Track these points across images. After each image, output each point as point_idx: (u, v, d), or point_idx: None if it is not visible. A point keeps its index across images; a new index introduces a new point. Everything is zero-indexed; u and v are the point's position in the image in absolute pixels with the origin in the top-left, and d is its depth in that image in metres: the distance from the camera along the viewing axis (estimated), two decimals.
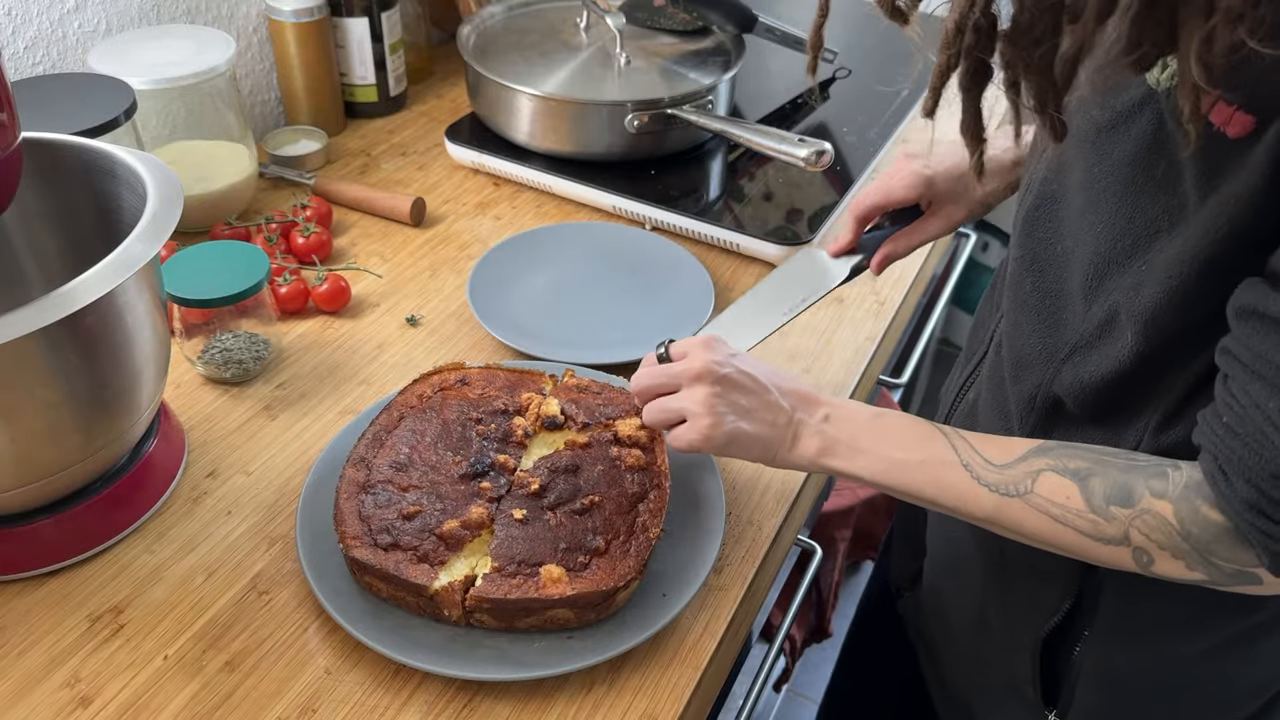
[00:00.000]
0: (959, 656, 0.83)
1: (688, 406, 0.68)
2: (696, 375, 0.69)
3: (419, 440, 0.77)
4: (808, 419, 0.68)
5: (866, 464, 0.65)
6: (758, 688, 0.83)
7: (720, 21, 1.25)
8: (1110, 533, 0.58)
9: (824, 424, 0.67)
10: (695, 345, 0.71)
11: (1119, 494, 0.58)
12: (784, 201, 1.12)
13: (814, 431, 0.67)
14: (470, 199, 1.17)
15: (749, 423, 0.68)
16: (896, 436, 0.65)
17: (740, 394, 0.68)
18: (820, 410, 0.68)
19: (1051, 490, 0.59)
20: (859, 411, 0.68)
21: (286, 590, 0.73)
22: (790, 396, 0.69)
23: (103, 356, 0.67)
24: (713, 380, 0.68)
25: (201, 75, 1.01)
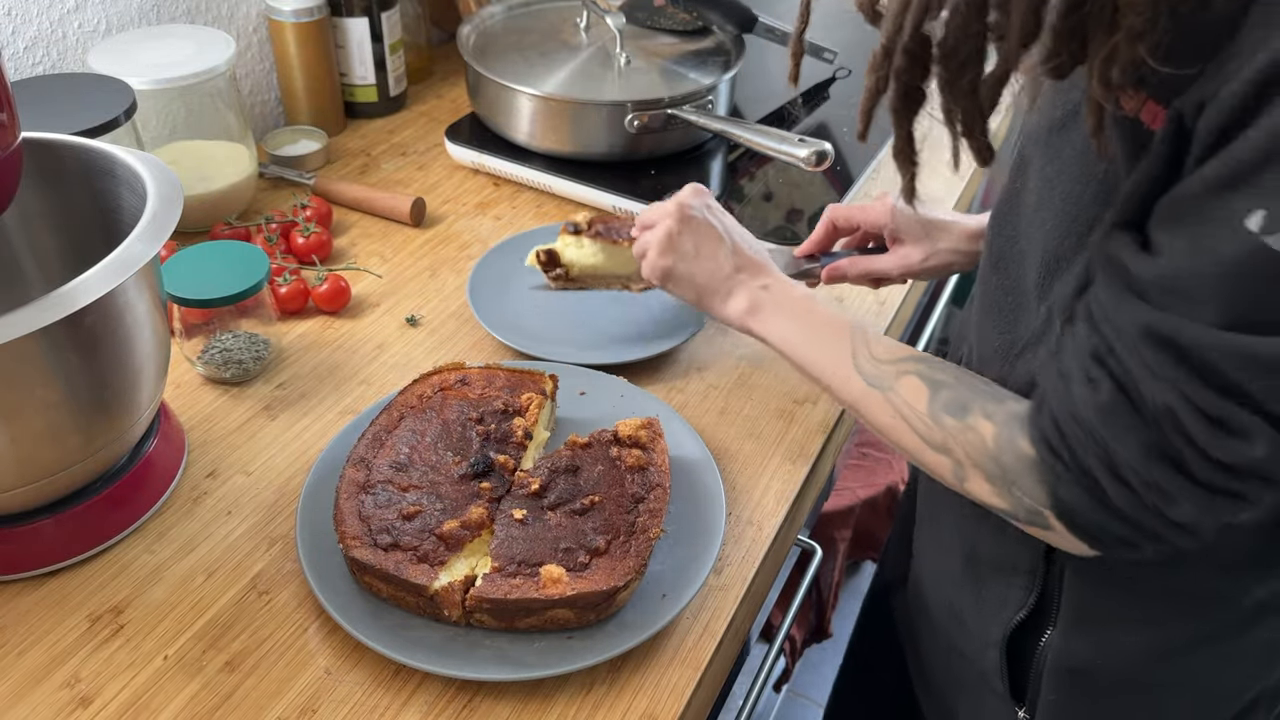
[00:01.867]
0: (939, 652, 0.83)
1: (653, 238, 0.78)
2: (669, 212, 0.78)
3: (419, 440, 0.77)
4: (748, 280, 0.74)
5: (778, 332, 0.72)
6: (758, 688, 0.83)
7: (720, 21, 1.25)
8: (937, 440, 0.61)
9: (760, 290, 0.73)
10: (685, 189, 0.80)
11: (956, 407, 0.60)
12: (784, 201, 1.12)
13: (748, 293, 0.74)
14: (470, 199, 1.17)
15: (692, 264, 0.76)
16: (816, 318, 0.71)
17: (696, 238, 0.76)
18: (764, 278, 0.74)
19: (907, 391, 0.63)
20: (797, 291, 0.74)
21: (286, 590, 0.73)
22: (742, 258, 0.76)
23: (103, 356, 0.67)
24: (678, 218, 0.77)
25: (201, 75, 1.01)
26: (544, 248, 0.92)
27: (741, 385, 0.92)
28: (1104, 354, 0.52)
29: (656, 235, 0.78)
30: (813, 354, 0.69)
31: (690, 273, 0.76)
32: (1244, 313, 0.46)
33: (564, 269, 0.91)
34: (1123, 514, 0.53)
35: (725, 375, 0.93)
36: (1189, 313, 0.48)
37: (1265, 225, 0.44)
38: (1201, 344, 0.47)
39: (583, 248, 0.90)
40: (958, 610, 0.77)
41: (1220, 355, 0.47)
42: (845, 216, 0.87)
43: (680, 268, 0.77)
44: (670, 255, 0.77)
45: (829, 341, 0.68)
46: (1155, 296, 0.49)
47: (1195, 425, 0.49)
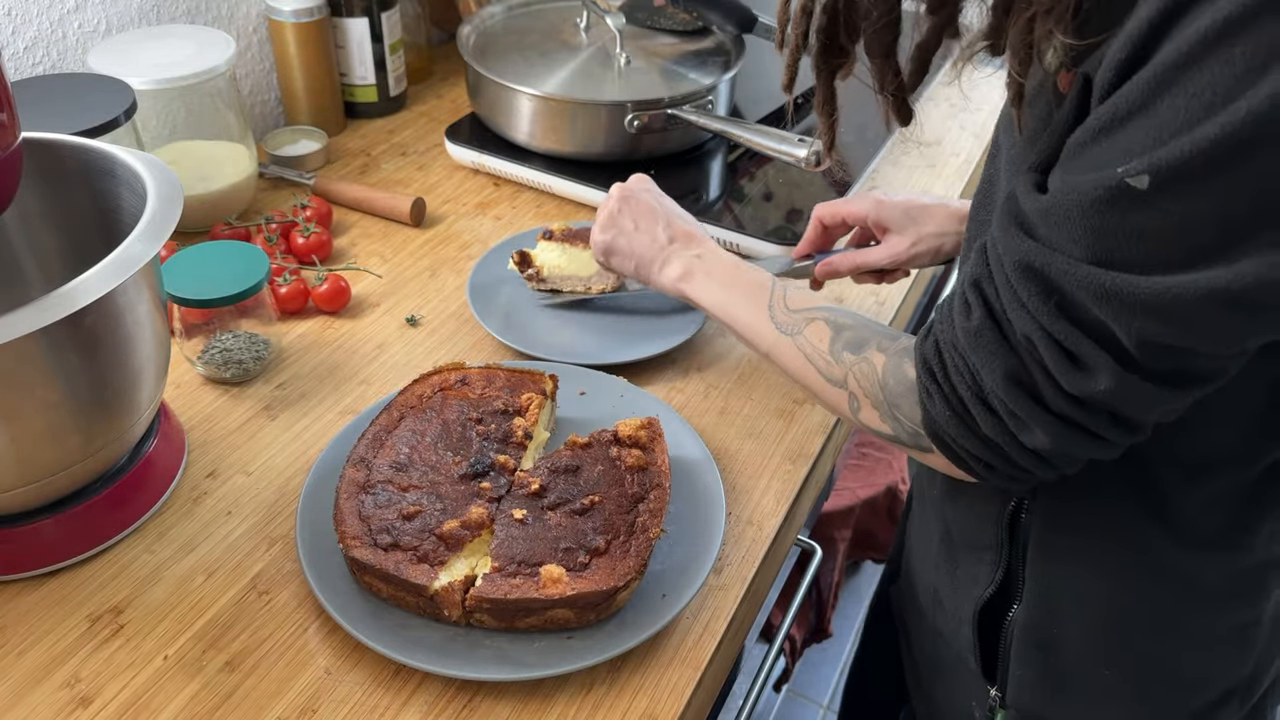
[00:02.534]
0: (924, 636, 0.84)
1: (597, 217, 0.86)
2: (613, 194, 0.85)
3: (419, 440, 0.77)
4: (681, 250, 0.80)
5: (708, 294, 0.77)
6: (758, 688, 0.83)
7: (720, 21, 1.25)
8: (836, 375, 0.65)
9: (694, 258, 0.79)
10: (630, 178, 0.87)
11: (855, 344, 0.65)
12: (784, 201, 1.12)
13: (682, 261, 0.79)
14: (470, 199, 1.17)
15: (630, 237, 0.82)
16: (741, 279, 0.75)
17: (634, 215, 0.83)
18: (696, 248, 0.80)
19: (813, 334, 0.67)
20: (727, 257, 0.79)
21: (286, 590, 0.73)
22: (677, 232, 0.82)
23: (103, 356, 0.67)
24: (618, 199, 0.84)
25: (201, 75, 1.01)
26: (520, 250, 0.99)
27: (741, 385, 0.92)
28: (983, 281, 0.55)
29: (599, 215, 0.85)
30: (736, 311, 0.74)
31: (629, 246, 0.82)
32: (1107, 249, 0.48)
33: (535, 270, 0.98)
34: (987, 439, 0.57)
35: (725, 375, 0.93)
36: (1061, 247, 0.50)
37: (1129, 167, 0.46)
38: (1066, 277, 0.50)
39: (550, 250, 0.97)
40: (937, 592, 0.78)
41: (1081, 289, 0.49)
42: (830, 211, 0.89)
43: (620, 241, 0.83)
44: (611, 230, 0.84)
45: (751, 298, 0.73)
46: (1037, 231, 0.51)
47: (1050, 355, 0.52)
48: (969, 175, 1.24)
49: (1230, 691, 0.70)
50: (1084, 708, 0.70)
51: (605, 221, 0.84)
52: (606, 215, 0.84)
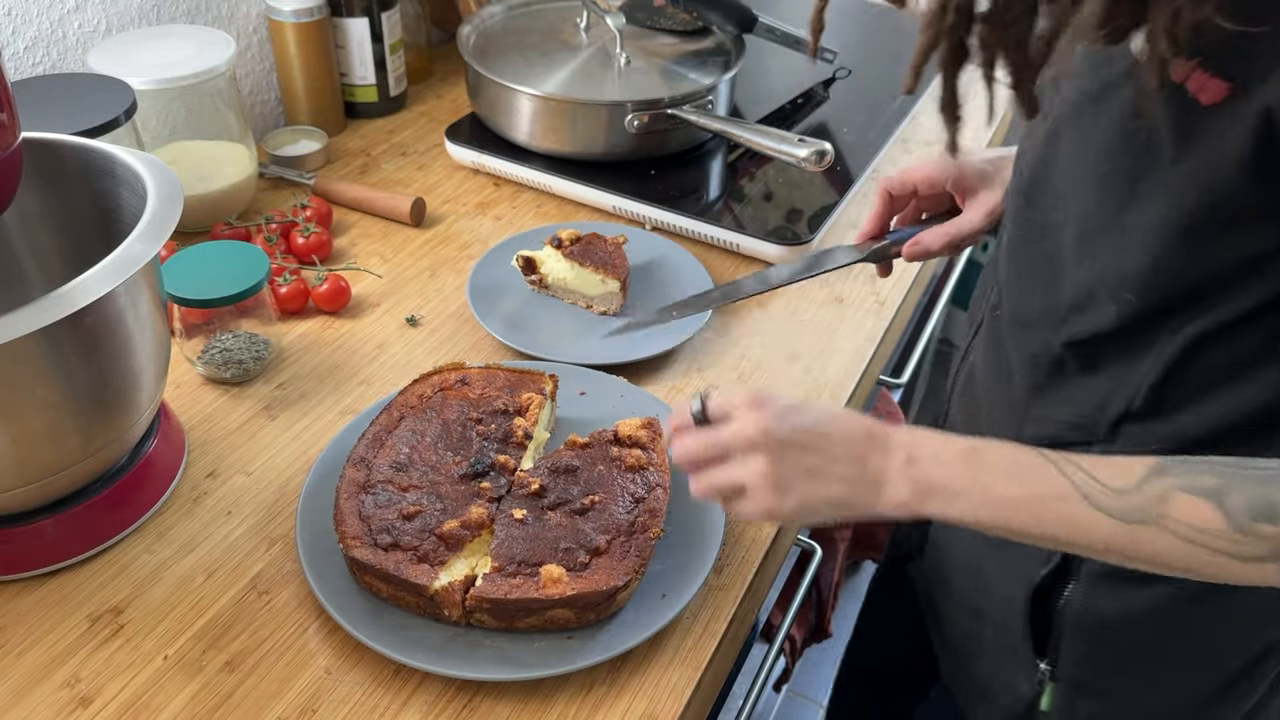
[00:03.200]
0: (959, 617, 0.84)
1: (746, 479, 0.62)
2: (749, 443, 0.62)
3: (419, 440, 0.77)
4: (886, 464, 0.61)
5: (969, 507, 0.59)
6: (758, 688, 0.82)
7: (720, 21, 1.25)
8: (1255, 551, 0.54)
9: (908, 468, 0.61)
10: (740, 406, 0.64)
11: (1264, 508, 0.53)
12: (784, 201, 1.12)
13: (900, 478, 0.61)
14: (470, 199, 1.17)
15: (819, 486, 0.62)
16: (997, 472, 0.59)
17: (802, 455, 0.62)
18: (899, 453, 0.61)
19: (1186, 512, 0.55)
20: (944, 447, 0.61)
21: (286, 590, 0.73)
22: (860, 443, 0.62)
23: (103, 356, 0.67)
24: (768, 448, 0.62)
25: (201, 75, 1.01)
26: (526, 253, 0.99)
27: (742, 385, 0.92)
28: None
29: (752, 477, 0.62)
30: (1029, 518, 0.58)
31: (825, 496, 0.62)
32: None
33: (540, 276, 0.99)
34: None
35: (725, 375, 0.93)
36: None
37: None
38: None
39: (559, 261, 0.97)
40: (980, 568, 0.77)
41: None
42: (900, 181, 0.80)
43: (812, 495, 0.62)
44: (791, 490, 0.62)
45: (1037, 494, 0.58)
46: None
47: None
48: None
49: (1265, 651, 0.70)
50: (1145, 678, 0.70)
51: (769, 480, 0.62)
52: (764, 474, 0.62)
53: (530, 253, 0.99)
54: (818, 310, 1.02)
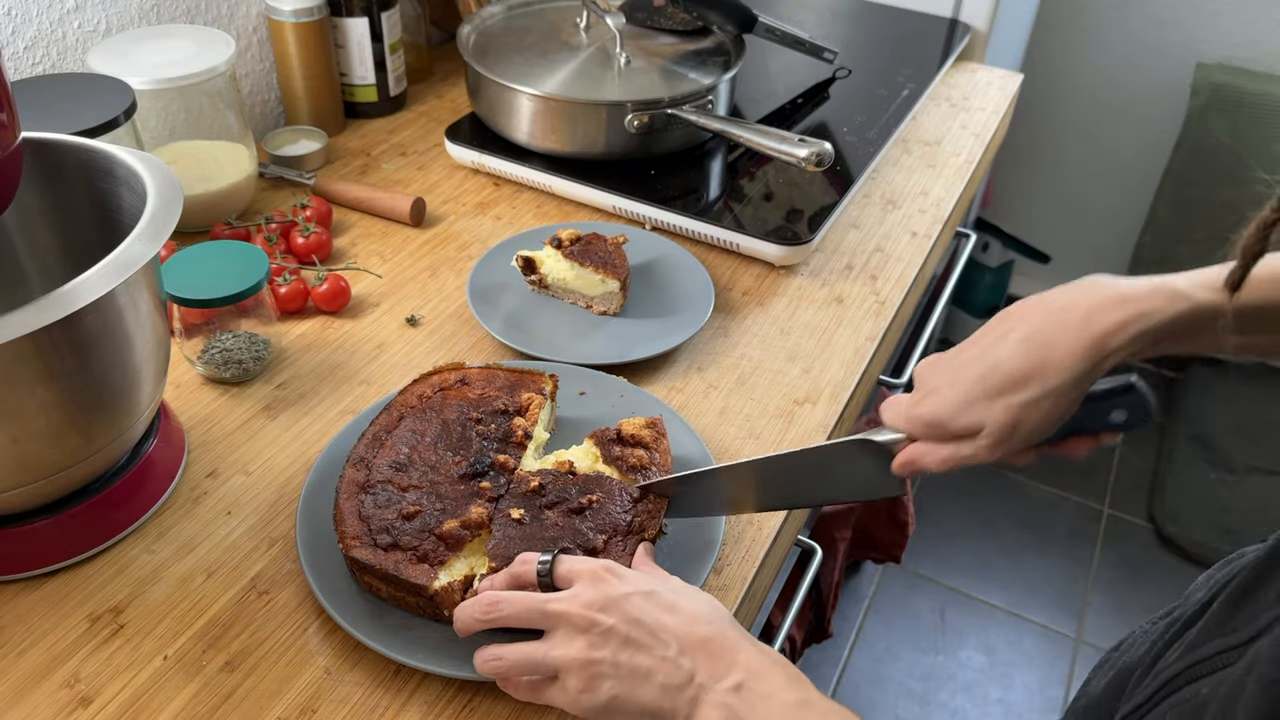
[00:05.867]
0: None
1: (558, 660, 0.57)
2: (572, 621, 0.57)
3: (419, 440, 0.77)
4: (711, 684, 0.56)
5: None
6: None
7: (720, 21, 1.25)
8: None
9: (732, 695, 0.55)
10: (584, 577, 0.60)
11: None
12: (784, 201, 1.12)
13: (718, 703, 0.55)
14: (470, 199, 1.17)
15: (634, 687, 0.56)
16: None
17: (627, 649, 0.56)
18: (731, 675, 0.56)
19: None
20: (780, 691, 0.56)
21: (286, 590, 0.73)
22: (696, 652, 0.57)
23: (102, 356, 0.67)
24: (594, 631, 0.57)
25: (201, 75, 1.01)
26: (526, 253, 0.98)
27: (741, 385, 0.92)
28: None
29: (564, 660, 0.57)
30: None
31: (637, 701, 0.56)
32: None
33: (539, 276, 0.99)
34: None
35: (725, 375, 0.93)
36: None
37: None
38: None
39: (559, 261, 0.97)
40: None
41: None
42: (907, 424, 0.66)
43: (621, 698, 0.56)
44: (601, 686, 0.56)
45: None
46: None
47: None
48: (969, 175, 1.24)
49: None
50: None
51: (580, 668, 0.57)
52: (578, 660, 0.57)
53: (530, 253, 0.99)
54: (817, 310, 1.02)
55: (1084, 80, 2.26)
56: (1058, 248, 2.51)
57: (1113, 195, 2.40)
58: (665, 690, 0.56)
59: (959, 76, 1.47)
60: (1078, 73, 2.25)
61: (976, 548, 2.10)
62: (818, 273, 1.07)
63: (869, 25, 1.53)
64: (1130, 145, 2.29)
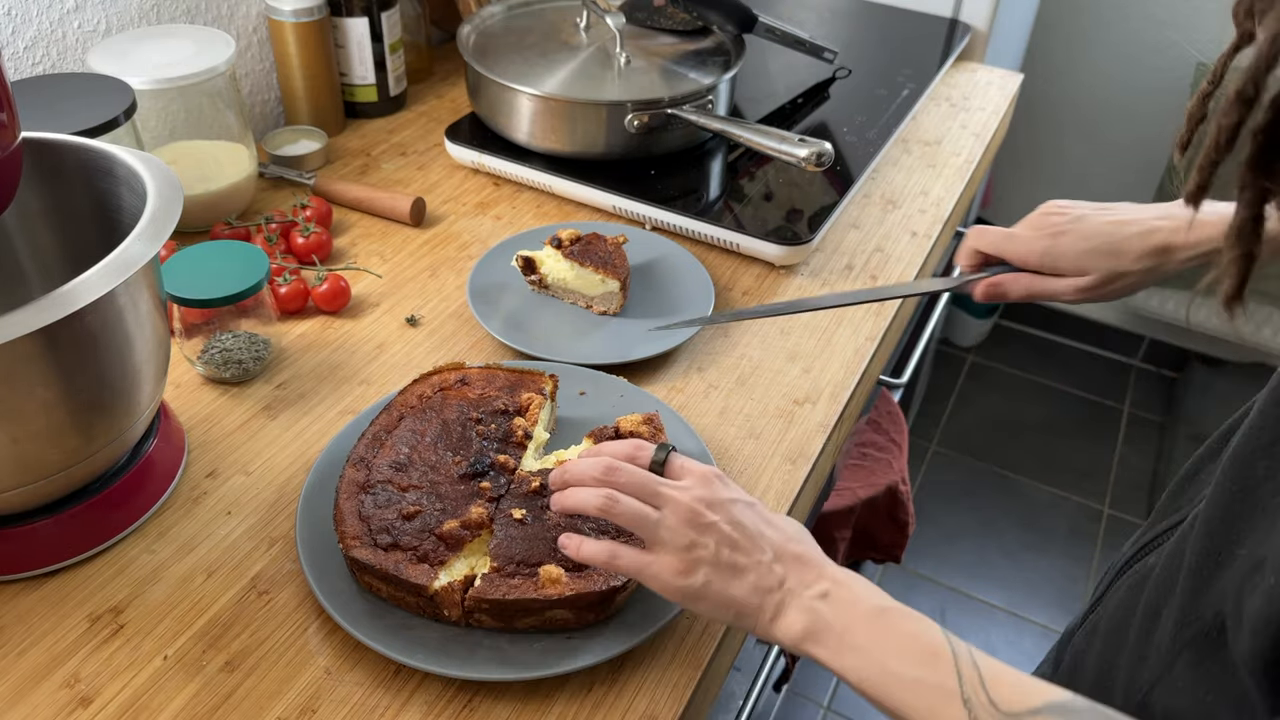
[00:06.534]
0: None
1: (664, 537, 0.60)
2: (681, 512, 0.60)
3: (419, 440, 0.77)
4: (800, 591, 0.59)
5: (854, 665, 0.56)
6: (758, 688, 0.83)
7: (720, 21, 1.25)
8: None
9: (818, 601, 0.58)
10: (695, 474, 0.62)
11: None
12: (784, 201, 1.12)
13: (804, 607, 0.58)
14: (470, 199, 1.17)
15: (727, 581, 0.59)
16: (898, 642, 0.56)
17: (724, 546, 0.59)
18: (819, 584, 0.59)
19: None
20: (864, 597, 0.58)
21: (286, 590, 0.73)
22: (787, 560, 0.60)
23: (102, 356, 0.67)
24: (697, 524, 0.60)
25: (201, 75, 1.01)
26: (526, 253, 0.98)
27: (741, 385, 0.92)
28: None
29: (668, 537, 0.60)
30: (905, 700, 0.54)
31: (728, 595, 0.59)
32: None
33: (539, 276, 0.99)
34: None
35: (725, 375, 0.93)
36: None
37: None
38: None
39: (559, 261, 0.97)
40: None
41: None
42: (995, 247, 0.81)
43: (715, 589, 0.59)
44: (697, 572, 0.59)
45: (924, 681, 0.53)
46: None
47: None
48: (969, 175, 1.24)
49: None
50: None
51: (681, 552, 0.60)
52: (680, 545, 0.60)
53: (530, 253, 0.99)
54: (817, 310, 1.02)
55: (1084, 80, 2.26)
56: None
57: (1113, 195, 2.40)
58: (756, 589, 0.59)
59: (959, 76, 1.47)
60: (1078, 72, 2.25)
61: (976, 548, 2.10)
62: (818, 273, 1.07)
63: (869, 25, 1.53)
64: (1130, 145, 2.29)
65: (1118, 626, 0.65)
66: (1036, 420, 2.41)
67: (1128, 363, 2.56)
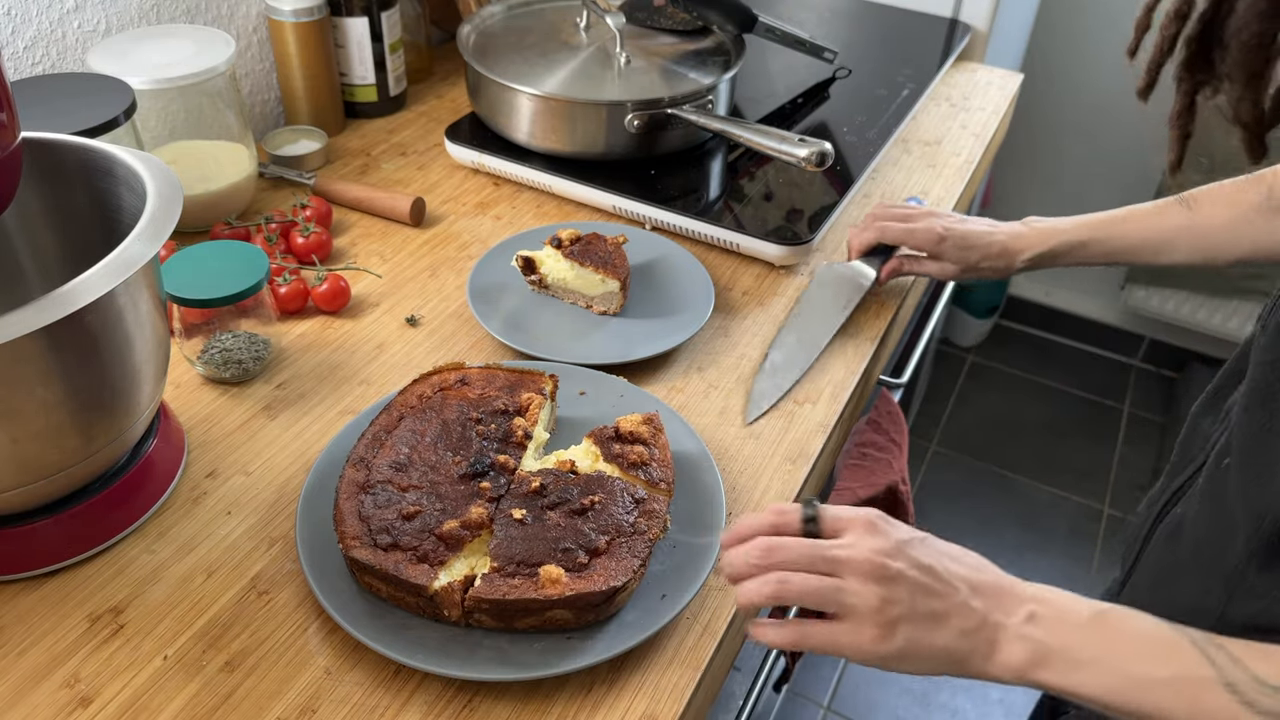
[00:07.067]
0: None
1: (851, 604, 0.56)
2: (862, 571, 0.57)
3: (419, 440, 0.77)
4: (1006, 621, 0.56)
5: (1093, 680, 0.54)
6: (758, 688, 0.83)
7: (720, 21, 1.25)
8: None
9: (1028, 626, 0.56)
10: (858, 525, 0.59)
11: None
12: (784, 201, 1.12)
13: (1017, 636, 0.55)
14: (470, 199, 1.17)
15: (930, 632, 0.56)
16: (1129, 645, 0.54)
17: (919, 596, 0.56)
18: (1022, 608, 0.56)
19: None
20: (1073, 609, 0.56)
21: (286, 590, 0.73)
22: (982, 593, 0.57)
23: (103, 356, 0.67)
24: (883, 579, 0.56)
25: (201, 75, 1.01)
26: (526, 253, 0.98)
27: (741, 385, 0.92)
28: None
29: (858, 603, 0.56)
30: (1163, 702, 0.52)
31: (934, 646, 0.56)
32: None
33: (539, 276, 0.99)
34: None
35: (725, 375, 0.93)
36: None
37: None
38: None
39: (559, 261, 0.97)
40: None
41: None
42: (895, 237, 0.98)
43: (920, 643, 0.56)
44: (897, 632, 0.56)
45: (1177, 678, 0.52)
46: None
47: None
48: (969, 175, 1.24)
49: None
50: None
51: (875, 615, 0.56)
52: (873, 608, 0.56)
53: (530, 252, 0.99)
54: None
55: (1084, 80, 2.26)
56: None
57: (1113, 195, 2.40)
58: (962, 634, 0.56)
59: (959, 76, 1.47)
60: (1078, 73, 2.25)
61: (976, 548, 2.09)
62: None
63: (869, 25, 1.53)
64: (1130, 145, 2.29)
65: (1164, 576, 0.70)
66: (1036, 420, 2.41)
67: (1128, 363, 2.56)
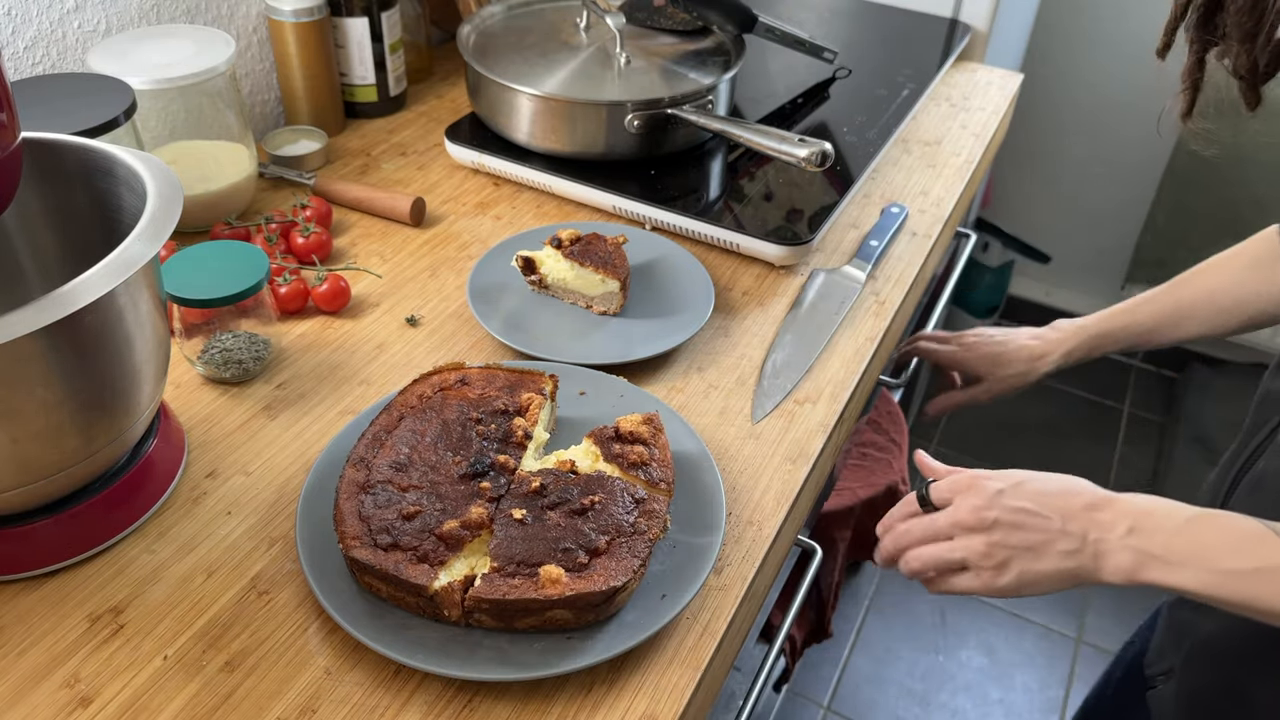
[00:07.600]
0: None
1: (966, 557, 0.69)
2: (966, 527, 0.69)
3: (419, 440, 0.77)
4: (1107, 536, 0.64)
5: (1192, 577, 0.60)
6: (758, 688, 0.82)
7: (720, 21, 1.25)
8: None
9: (1129, 538, 0.63)
10: (959, 489, 0.71)
11: None
12: (784, 201, 1.12)
13: (1120, 547, 0.63)
14: (470, 199, 1.17)
15: (1036, 561, 0.66)
16: (1219, 541, 0.60)
17: (1020, 533, 0.66)
18: (1121, 523, 0.64)
19: None
20: (1169, 516, 0.63)
21: (286, 590, 0.73)
22: (1078, 517, 0.66)
23: (103, 356, 0.67)
24: (985, 527, 0.68)
25: (201, 75, 1.01)
26: (526, 253, 0.98)
27: (741, 385, 0.92)
28: None
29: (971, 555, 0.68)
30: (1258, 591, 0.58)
31: (1045, 571, 0.66)
32: None
33: (539, 276, 0.99)
34: None
35: (725, 375, 0.93)
36: None
37: None
38: None
39: (559, 261, 0.97)
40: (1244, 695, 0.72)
41: None
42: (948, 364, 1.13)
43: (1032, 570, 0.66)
44: (1010, 567, 0.67)
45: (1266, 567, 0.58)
46: None
47: None
48: (969, 175, 1.24)
49: None
50: None
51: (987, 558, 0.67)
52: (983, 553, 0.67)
53: (530, 253, 0.99)
54: None
55: (1084, 80, 2.26)
56: (1058, 248, 2.51)
57: (1113, 195, 2.41)
58: (1065, 555, 0.65)
59: (959, 76, 1.47)
60: (1078, 73, 2.26)
61: None
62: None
63: (869, 25, 1.53)
64: (1130, 145, 2.29)
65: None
66: (1037, 420, 2.41)
67: (1128, 363, 2.56)
